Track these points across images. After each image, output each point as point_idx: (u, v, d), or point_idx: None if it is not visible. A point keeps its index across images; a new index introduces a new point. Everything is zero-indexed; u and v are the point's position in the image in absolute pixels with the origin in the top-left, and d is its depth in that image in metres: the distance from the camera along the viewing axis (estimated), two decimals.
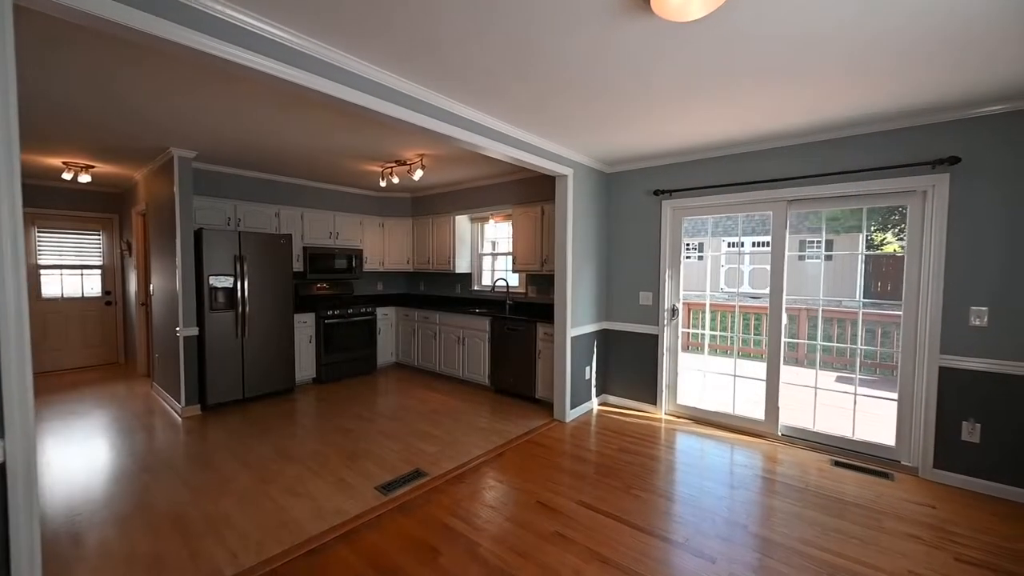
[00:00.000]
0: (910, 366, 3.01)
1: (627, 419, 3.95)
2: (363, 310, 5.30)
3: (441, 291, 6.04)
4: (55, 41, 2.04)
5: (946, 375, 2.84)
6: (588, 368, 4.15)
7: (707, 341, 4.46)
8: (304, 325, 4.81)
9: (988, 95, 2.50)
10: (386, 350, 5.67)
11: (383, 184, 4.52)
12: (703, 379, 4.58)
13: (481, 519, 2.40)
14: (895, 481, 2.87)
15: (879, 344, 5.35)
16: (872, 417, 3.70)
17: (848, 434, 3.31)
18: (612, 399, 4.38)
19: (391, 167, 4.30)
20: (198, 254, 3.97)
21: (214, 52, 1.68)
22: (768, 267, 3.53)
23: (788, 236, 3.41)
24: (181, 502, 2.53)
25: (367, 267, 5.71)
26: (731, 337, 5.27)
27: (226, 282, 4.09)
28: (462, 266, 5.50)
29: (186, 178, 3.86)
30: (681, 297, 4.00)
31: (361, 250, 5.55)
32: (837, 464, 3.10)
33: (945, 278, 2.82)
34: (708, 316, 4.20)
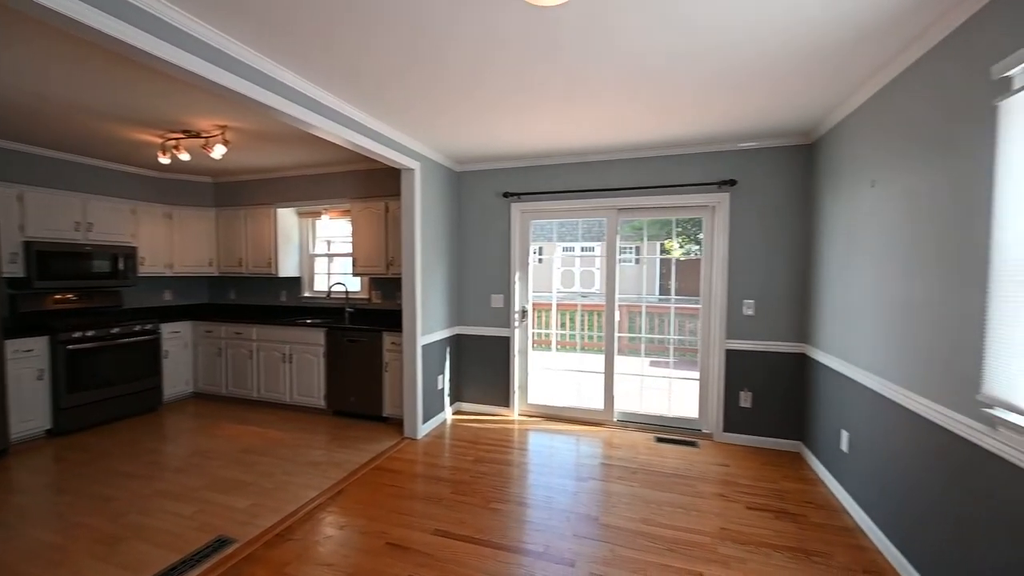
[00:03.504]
0: (706, 350, 3.62)
1: (482, 426, 3.83)
2: (138, 328, 3.96)
3: (260, 299, 4.97)
4: None
5: (730, 355, 3.50)
6: (441, 377, 3.89)
7: (554, 339, 4.67)
8: (28, 355, 3.31)
9: (757, 132, 3.14)
10: (178, 378, 4.38)
11: (165, 161, 3.42)
12: (551, 376, 4.79)
13: None
14: (699, 448, 3.40)
15: (687, 333, 6.37)
16: (684, 395, 4.35)
17: (666, 412, 3.82)
18: (466, 406, 4.21)
19: (177, 138, 3.27)
20: None
21: None
22: (594, 269, 3.83)
23: (619, 241, 3.77)
24: None
25: (146, 271, 4.31)
26: (573, 334, 5.72)
27: None
28: (288, 269, 4.61)
29: None
30: (531, 299, 4.08)
31: (134, 248, 4.16)
32: (659, 440, 3.53)
33: (728, 277, 3.47)
34: (554, 315, 4.41)
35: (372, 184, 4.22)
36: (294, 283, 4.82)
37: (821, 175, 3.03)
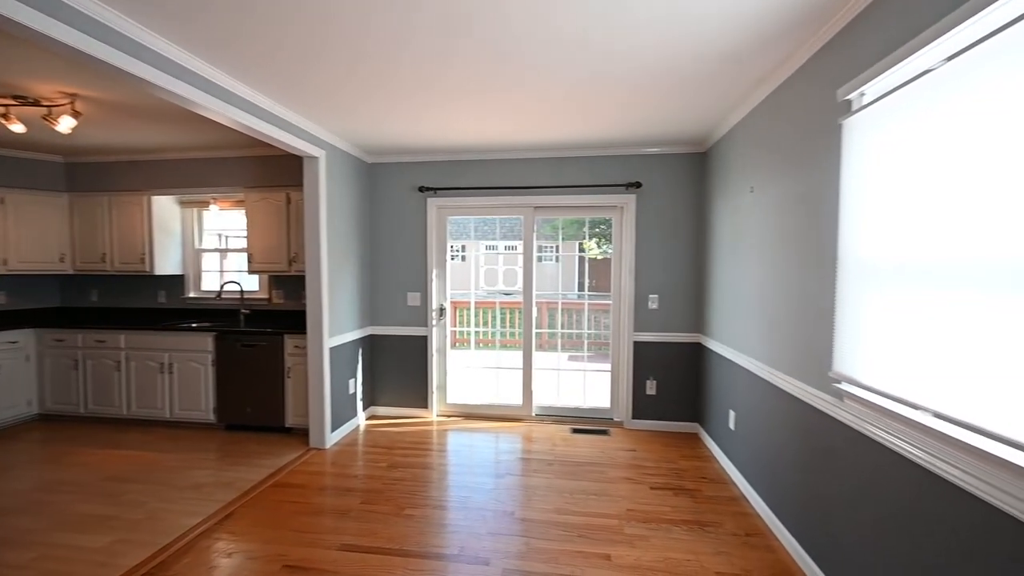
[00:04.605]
0: (617, 343, 3.82)
1: (399, 429, 3.66)
2: None
3: (132, 302, 4.27)
4: None
5: (638, 347, 3.73)
6: (352, 381, 3.65)
7: (473, 338, 4.63)
8: None
9: (659, 139, 3.37)
10: (15, 397, 3.59)
11: None
12: (471, 375, 4.74)
13: None
14: (611, 436, 3.58)
15: (601, 328, 6.73)
16: (597, 386, 4.55)
17: (581, 404, 3.97)
18: (382, 410, 4.01)
19: (6, 104, 2.66)
20: None
21: None
22: (517, 267, 3.86)
23: (537, 240, 3.83)
24: None
25: None
26: (492, 332, 5.73)
27: None
28: (167, 266, 4.01)
29: None
30: (448, 296, 3.99)
31: None
32: (575, 431, 3.65)
33: (635, 274, 3.70)
34: (473, 313, 4.36)
35: (271, 172, 3.82)
36: (176, 282, 4.20)
37: (713, 180, 3.34)
